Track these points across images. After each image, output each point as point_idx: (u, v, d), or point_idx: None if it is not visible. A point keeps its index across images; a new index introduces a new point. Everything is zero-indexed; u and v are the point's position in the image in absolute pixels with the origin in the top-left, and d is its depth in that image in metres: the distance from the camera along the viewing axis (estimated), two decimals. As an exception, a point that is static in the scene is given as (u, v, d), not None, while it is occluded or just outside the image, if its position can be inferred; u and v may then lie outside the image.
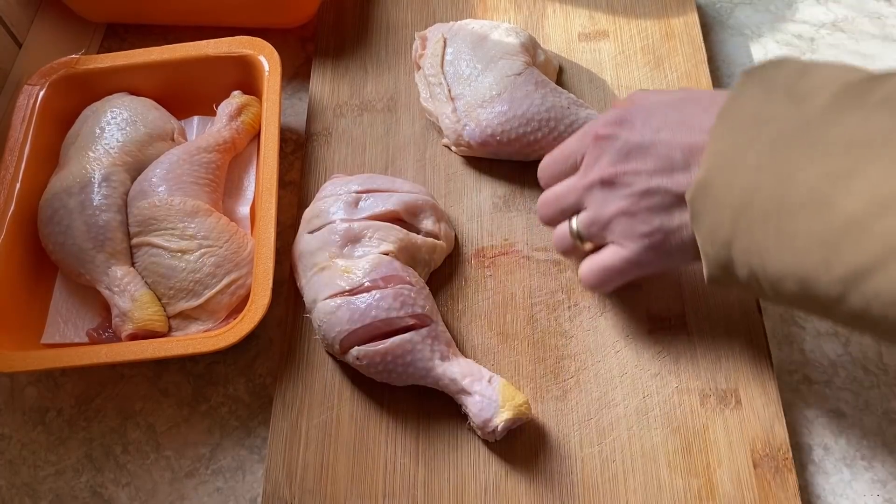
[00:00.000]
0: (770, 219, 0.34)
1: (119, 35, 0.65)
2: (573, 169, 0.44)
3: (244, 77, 0.55)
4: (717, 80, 0.59)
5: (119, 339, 0.47)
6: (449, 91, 0.53)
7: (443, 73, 0.54)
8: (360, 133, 0.57)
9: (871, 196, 0.31)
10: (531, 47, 0.55)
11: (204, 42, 0.55)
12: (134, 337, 0.47)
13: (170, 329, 0.48)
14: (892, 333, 0.33)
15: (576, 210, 0.44)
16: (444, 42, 0.55)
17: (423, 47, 0.57)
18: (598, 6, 0.61)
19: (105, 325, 0.49)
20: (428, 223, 0.49)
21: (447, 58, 0.55)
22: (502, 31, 0.55)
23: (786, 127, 0.34)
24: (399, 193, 0.49)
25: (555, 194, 0.45)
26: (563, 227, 0.45)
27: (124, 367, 0.51)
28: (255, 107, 0.55)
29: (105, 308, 0.49)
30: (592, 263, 0.44)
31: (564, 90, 0.53)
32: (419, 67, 0.57)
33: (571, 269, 0.50)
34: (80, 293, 0.51)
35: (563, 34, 0.60)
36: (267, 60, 0.54)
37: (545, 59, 0.55)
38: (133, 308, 0.47)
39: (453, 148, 0.54)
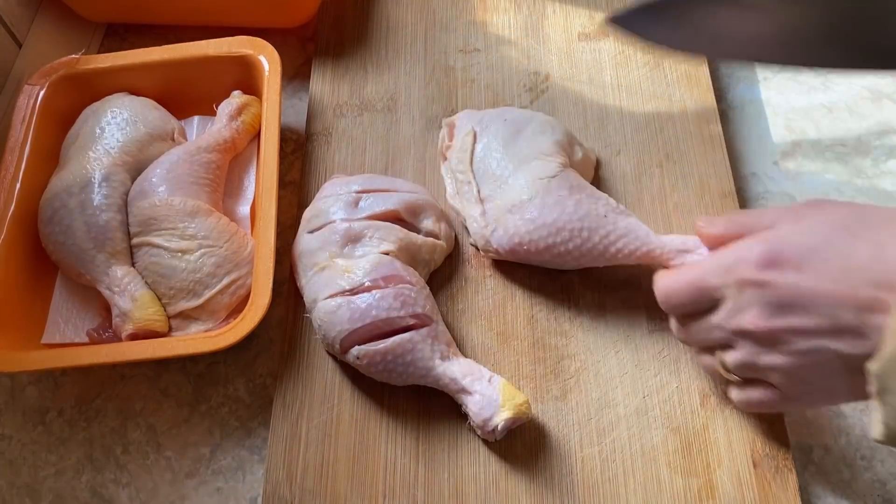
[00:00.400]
0: None
1: (119, 35, 0.65)
2: (712, 304, 0.39)
3: (244, 77, 0.55)
4: (717, 80, 0.59)
5: (119, 339, 0.47)
6: (478, 192, 0.49)
7: (472, 172, 0.50)
8: (360, 133, 0.57)
9: None
10: (567, 144, 0.50)
11: (204, 42, 0.55)
12: (134, 337, 0.47)
13: (170, 329, 0.48)
14: None
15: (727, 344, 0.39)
16: (475, 136, 0.51)
17: (451, 137, 0.53)
18: (598, 6, 0.61)
19: (105, 325, 0.49)
20: (428, 223, 0.49)
21: (477, 154, 0.50)
22: (536, 125, 0.50)
23: None
24: (399, 193, 0.49)
25: (695, 334, 0.40)
26: (709, 359, 0.41)
27: (124, 367, 0.51)
28: (256, 107, 0.55)
29: (105, 308, 0.49)
30: (748, 397, 0.41)
31: (604, 194, 0.47)
32: (445, 159, 0.53)
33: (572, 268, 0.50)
34: (80, 293, 0.51)
35: (563, 34, 0.60)
36: (267, 60, 0.54)
37: (583, 155, 0.51)
38: (133, 308, 0.47)
39: (481, 252, 0.50)
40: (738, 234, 0.39)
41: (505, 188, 0.48)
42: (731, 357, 0.39)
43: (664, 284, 0.41)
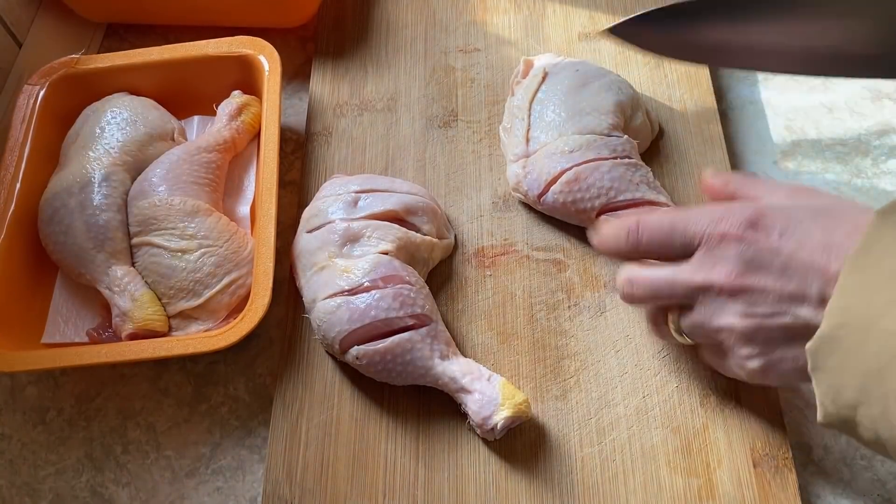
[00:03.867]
0: None
1: (119, 35, 0.65)
2: (682, 252, 0.39)
3: (244, 77, 0.55)
4: (717, 80, 0.59)
5: (119, 339, 0.47)
6: (527, 131, 0.50)
7: (529, 111, 0.51)
8: (360, 133, 0.57)
9: None
10: (629, 107, 0.51)
11: (204, 42, 0.55)
12: (134, 336, 0.47)
13: (170, 329, 0.48)
14: None
15: (678, 302, 0.39)
16: (544, 78, 0.52)
17: (525, 74, 0.53)
18: (598, 6, 0.61)
19: (105, 324, 0.49)
20: (427, 223, 0.49)
21: (539, 95, 0.51)
22: (605, 82, 0.51)
23: None
24: (398, 193, 0.49)
25: (651, 282, 0.40)
26: (659, 317, 0.42)
27: (124, 366, 0.51)
28: (256, 107, 0.55)
29: (105, 308, 0.49)
30: (705, 358, 0.42)
31: (646, 166, 0.49)
32: (513, 93, 0.53)
33: (571, 268, 0.50)
34: (80, 293, 0.51)
35: (563, 34, 0.60)
36: (267, 60, 0.54)
37: (642, 121, 0.52)
38: (133, 308, 0.47)
39: (512, 192, 0.52)
40: (735, 194, 0.40)
41: (552, 134, 0.49)
42: (688, 319, 0.39)
43: (644, 218, 0.40)
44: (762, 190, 0.39)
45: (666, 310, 0.41)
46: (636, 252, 0.41)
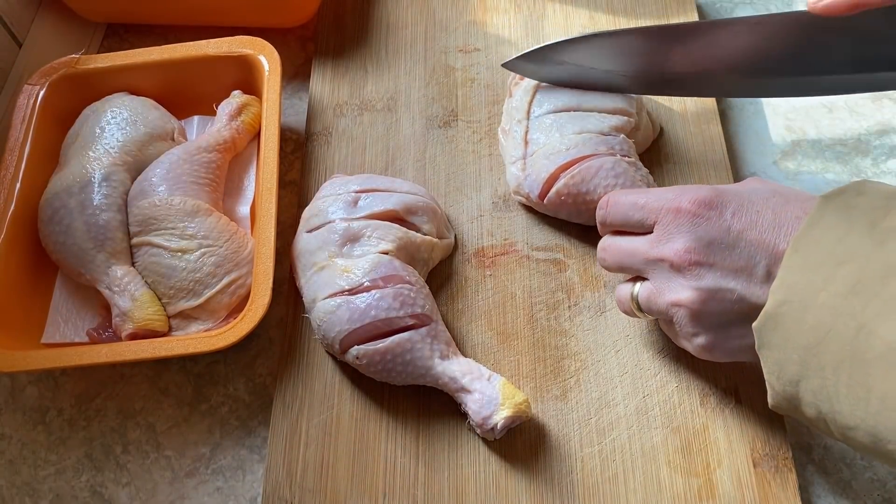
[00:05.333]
0: (843, 367, 0.32)
1: (119, 35, 0.65)
2: (640, 227, 0.41)
3: (244, 77, 0.55)
4: (717, 79, 0.59)
5: (119, 339, 0.47)
6: (526, 133, 0.50)
7: (527, 112, 0.51)
8: (360, 133, 0.57)
9: None
10: (631, 108, 0.51)
11: (204, 42, 0.55)
12: (134, 336, 0.47)
13: (170, 329, 0.48)
14: None
15: (639, 274, 0.42)
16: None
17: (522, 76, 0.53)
18: (598, 6, 0.61)
19: (105, 324, 0.49)
20: (427, 222, 0.49)
21: (538, 97, 0.51)
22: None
23: (866, 270, 0.32)
24: (398, 193, 0.49)
25: (617, 250, 0.42)
26: (625, 289, 0.43)
27: (124, 366, 0.51)
28: (256, 106, 0.55)
29: (105, 308, 0.49)
30: (665, 331, 0.43)
31: (646, 169, 0.50)
32: (511, 94, 0.53)
33: (571, 268, 0.50)
34: (80, 293, 0.51)
35: (563, 34, 0.60)
36: (267, 60, 0.54)
37: (643, 121, 0.52)
38: (133, 308, 0.47)
39: (513, 195, 0.52)
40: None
41: (552, 136, 0.49)
42: (642, 290, 0.41)
43: (612, 195, 0.43)
44: (728, 187, 0.41)
45: (633, 282, 0.43)
46: (605, 226, 0.44)
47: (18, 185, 0.51)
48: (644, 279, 0.41)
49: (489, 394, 0.43)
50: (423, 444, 0.45)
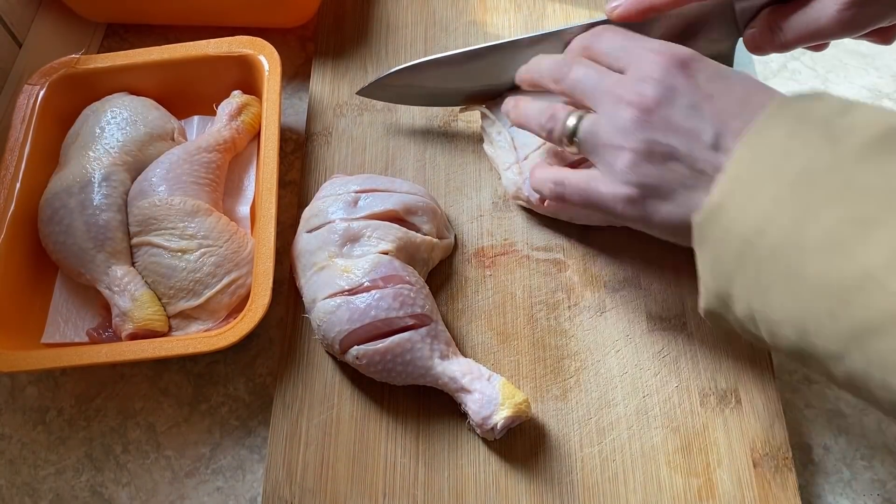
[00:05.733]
0: (779, 257, 0.31)
1: (119, 35, 0.65)
2: (615, 63, 0.41)
3: (244, 77, 0.55)
4: (717, 79, 0.59)
5: (119, 339, 0.47)
6: (512, 139, 0.50)
7: (504, 121, 0.51)
8: (360, 133, 0.57)
9: (892, 251, 0.29)
10: None
11: (204, 42, 0.55)
12: (134, 336, 0.47)
13: (170, 329, 0.48)
14: (888, 403, 0.30)
15: (585, 102, 0.41)
16: None
17: None
18: (599, 6, 0.61)
19: (105, 324, 0.49)
20: (427, 222, 0.49)
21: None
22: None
23: (814, 163, 0.32)
24: (398, 193, 0.49)
25: (588, 69, 0.41)
26: (551, 108, 0.43)
27: (124, 366, 0.51)
28: (255, 106, 0.55)
29: (105, 308, 0.49)
30: (566, 177, 0.42)
31: None
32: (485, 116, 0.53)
33: (571, 268, 0.50)
34: (80, 293, 0.51)
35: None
36: (267, 60, 0.54)
37: None
38: (133, 307, 0.47)
39: (512, 200, 0.52)
40: None
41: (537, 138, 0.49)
42: (587, 120, 0.40)
43: (606, 28, 0.43)
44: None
45: (566, 107, 0.42)
46: (585, 49, 0.43)
47: (18, 185, 0.51)
48: (584, 112, 0.41)
49: (489, 394, 0.43)
50: (423, 444, 0.45)
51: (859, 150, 0.31)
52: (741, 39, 0.46)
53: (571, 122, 0.41)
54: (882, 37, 0.43)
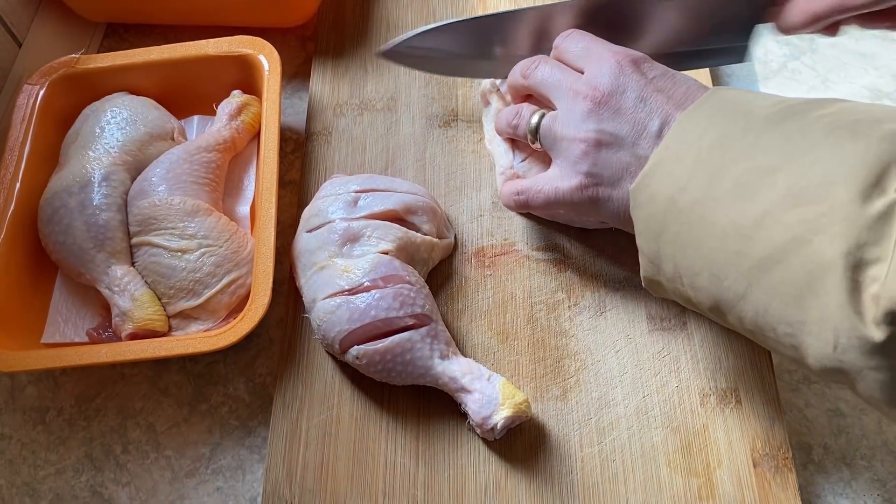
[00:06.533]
0: (695, 209, 0.35)
1: (119, 35, 0.65)
2: (577, 61, 0.44)
3: (244, 76, 0.55)
4: (717, 79, 0.59)
5: (119, 339, 0.47)
6: (511, 142, 0.51)
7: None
8: (360, 133, 0.57)
9: (788, 189, 0.32)
10: None
11: (204, 41, 0.55)
12: (134, 336, 0.47)
13: (170, 329, 0.48)
14: (784, 340, 0.33)
15: (540, 96, 0.45)
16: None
17: (495, 84, 0.53)
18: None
19: (105, 324, 0.49)
20: (427, 222, 0.49)
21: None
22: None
23: (729, 131, 0.36)
24: (398, 193, 0.49)
25: (552, 69, 0.45)
26: (517, 108, 0.47)
27: (124, 366, 0.51)
28: (255, 106, 0.55)
29: (105, 307, 0.49)
30: (524, 186, 0.46)
31: None
32: (487, 104, 0.53)
33: (571, 268, 0.50)
34: (80, 293, 0.51)
35: (563, 34, 0.60)
36: (267, 60, 0.54)
37: None
38: (133, 307, 0.47)
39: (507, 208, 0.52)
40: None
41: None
42: (549, 117, 0.44)
43: (575, 32, 0.46)
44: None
45: (531, 106, 0.46)
46: (556, 49, 0.46)
47: (18, 185, 0.51)
48: (546, 112, 0.45)
49: (489, 394, 0.43)
50: (423, 444, 0.45)
51: (765, 119, 0.35)
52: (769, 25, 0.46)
53: (534, 119, 0.45)
54: None
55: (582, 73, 0.44)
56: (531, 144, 0.46)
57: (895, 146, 0.31)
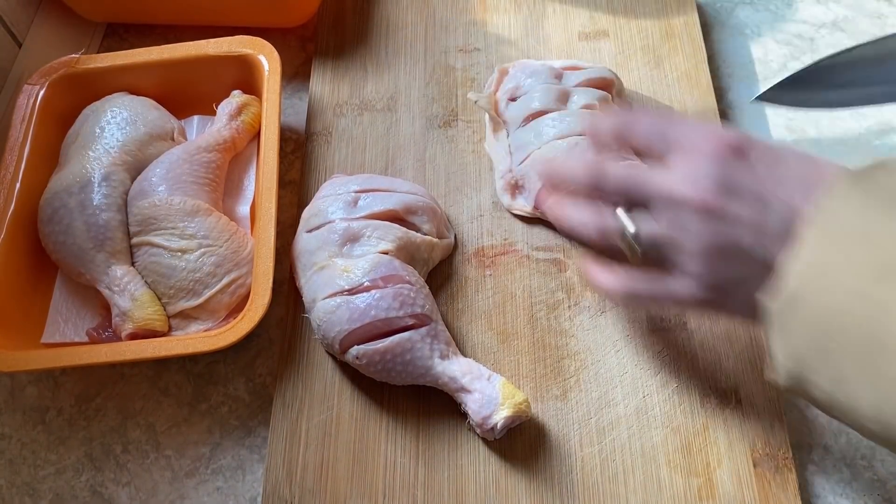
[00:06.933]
0: (861, 354, 0.30)
1: (119, 35, 0.65)
2: (654, 153, 0.38)
3: (244, 76, 0.55)
4: (717, 79, 0.59)
5: (119, 339, 0.47)
6: (509, 146, 0.51)
7: (505, 116, 0.53)
8: (360, 133, 0.57)
9: None
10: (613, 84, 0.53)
11: (204, 41, 0.55)
12: (134, 336, 0.47)
13: (170, 328, 0.48)
14: None
15: (634, 202, 0.38)
16: (502, 77, 0.54)
17: (499, 83, 0.54)
18: (598, 6, 0.61)
19: (105, 324, 0.49)
20: (427, 222, 0.49)
21: (510, 106, 0.53)
22: (583, 72, 0.53)
23: (890, 252, 0.30)
24: (398, 193, 0.49)
25: (626, 173, 0.38)
26: (602, 217, 0.40)
27: (124, 366, 0.51)
28: (255, 106, 0.55)
29: (105, 307, 0.49)
30: (634, 286, 0.40)
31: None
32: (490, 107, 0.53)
33: (571, 268, 0.50)
34: (80, 293, 0.51)
35: (563, 34, 0.60)
36: (267, 60, 0.54)
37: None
38: (133, 307, 0.47)
39: (504, 205, 0.52)
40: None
41: (533, 144, 0.50)
42: (649, 224, 0.38)
43: (634, 114, 0.40)
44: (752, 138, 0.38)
45: (613, 206, 0.39)
46: (617, 138, 0.40)
47: (18, 185, 0.50)
48: (633, 210, 0.38)
49: (489, 394, 0.43)
50: (423, 444, 0.45)
51: None
52: None
53: (630, 229, 0.38)
54: None
55: (662, 158, 0.38)
56: (632, 251, 0.39)
57: None
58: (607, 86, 0.53)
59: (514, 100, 0.53)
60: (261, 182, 0.49)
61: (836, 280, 0.31)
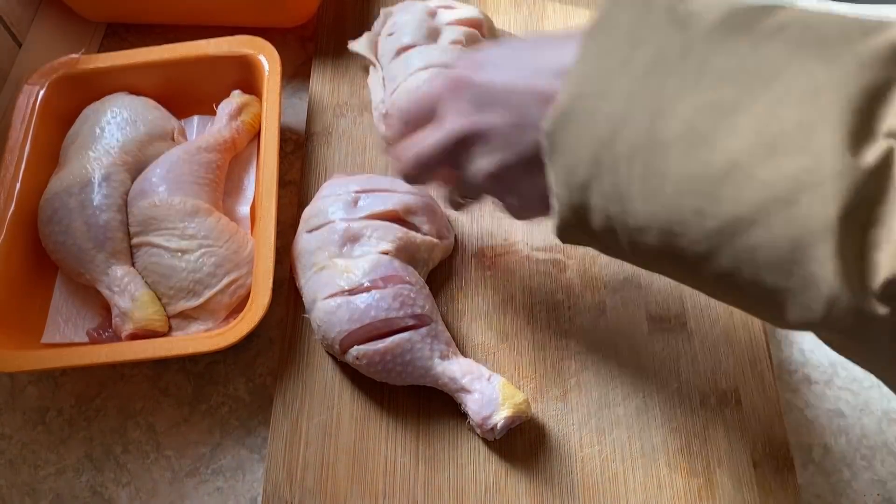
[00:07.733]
0: (637, 156, 0.29)
1: (119, 35, 0.65)
2: (426, 121, 0.39)
3: (244, 76, 0.55)
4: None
5: (119, 339, 0.47)
6: (383, 78, 0.54)
7: (377, 53, 0.56)
8: (360, 133, 0.57)
9: (757, 135, 0.27)
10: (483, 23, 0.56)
11: (204, 41, 0.55)
12: (134, 336, 0.47)
13: (170, 329, 0.48)
14: (757, 301, 0.29)
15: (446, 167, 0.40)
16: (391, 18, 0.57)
17: (382, 24, 0.57)
18: (598, 5, 0.61)
19: (105, 324, 0.49)
20: (427, 223, 0.49)
21: (387, 39, 0.55)
22: (454, 11, 0.56)
23: (664, 51, 0.29)
24: (399, 193, 0.49)
25: (416, 153, 0.40)
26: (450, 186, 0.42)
27: (124, 366, 0.51)
28: (255, 106, 0.55)
29: (105, 308, 0.49)
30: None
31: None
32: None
33: (571, 268, 0.50)
34: (80, 293, 0.51)
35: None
36: (267, 60, 0.54)
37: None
38: (133, 308, 0.47)
39: (380, 134, 0.54)
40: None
41: (407, 60, 0.52)
42: (456, 188, 0.41)
43: (402, 107, 0.42)
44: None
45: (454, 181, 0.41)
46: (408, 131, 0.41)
47: (18, 185, 0.51)
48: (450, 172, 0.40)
49: (489, 394, 0.43)
50: (423, 444, 0.45)
51: (708, 33, 0.29)
52: None
53: (456, 199, 0.42)
54: None
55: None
56: (470, 202, 0.43)
57: (877, 73, 0.26)
58: (478, 25, 0.56)
59: (391, 36, 0.55)
60: (261, 182, 0.49)
61: (608, 84, 0.30)
